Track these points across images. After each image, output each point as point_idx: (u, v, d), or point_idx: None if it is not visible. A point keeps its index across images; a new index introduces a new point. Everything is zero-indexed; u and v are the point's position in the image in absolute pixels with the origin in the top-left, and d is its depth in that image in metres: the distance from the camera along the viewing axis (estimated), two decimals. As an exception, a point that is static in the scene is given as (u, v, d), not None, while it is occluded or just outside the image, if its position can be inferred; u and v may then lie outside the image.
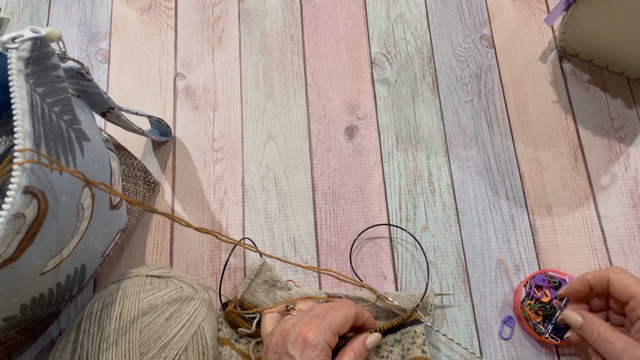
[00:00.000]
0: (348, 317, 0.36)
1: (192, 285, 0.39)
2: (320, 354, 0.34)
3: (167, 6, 0.57)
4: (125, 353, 0.34)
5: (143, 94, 0.53)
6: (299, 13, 0.57)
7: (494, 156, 0.51)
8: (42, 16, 0.56)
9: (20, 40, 0.26)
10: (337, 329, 0.35)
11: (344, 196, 0.49)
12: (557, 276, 0.45)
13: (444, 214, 0.48)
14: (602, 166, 0.50)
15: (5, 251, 0.25)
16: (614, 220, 0.48)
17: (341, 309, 0.37)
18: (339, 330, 0.35)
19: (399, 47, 0.55)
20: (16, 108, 0.25)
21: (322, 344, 0.34)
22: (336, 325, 0.35)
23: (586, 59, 0.54)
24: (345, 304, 0.38)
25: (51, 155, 0.27)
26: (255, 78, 0.54)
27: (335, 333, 0.35)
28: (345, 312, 0.36)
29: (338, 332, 0.35)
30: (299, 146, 0.51)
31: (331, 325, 0.35)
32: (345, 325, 0.36)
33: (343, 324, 0.36)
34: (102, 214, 0.36)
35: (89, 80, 0.34)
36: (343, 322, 0.36)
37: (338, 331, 0.35)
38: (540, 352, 0.44)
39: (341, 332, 0.36)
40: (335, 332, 0.35)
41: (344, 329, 0.36)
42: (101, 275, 0.46)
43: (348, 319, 0.36)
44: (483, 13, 0.57)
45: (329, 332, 0.35)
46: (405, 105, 0.53)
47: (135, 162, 0.46)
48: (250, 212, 0.48)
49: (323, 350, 0.34)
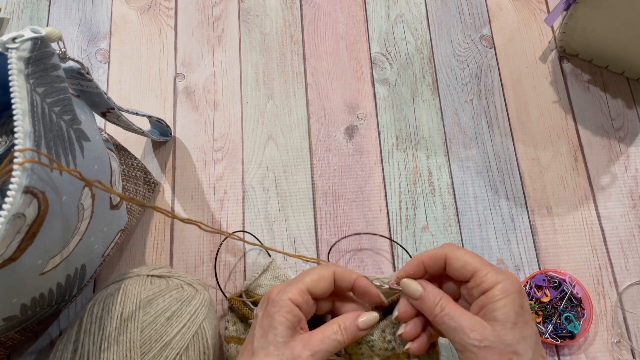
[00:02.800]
0: (323, 274, 0.33)
1: (193, 285, 0.39)
2: (280, 309, 0.31)
3: (167, 6, 0.57)
4: (127, 352, 0.34)
5: (143, 94, 0.53)
6: (299, 13, 0.57)
7: (494, 156, 0.51)
8: (42, 16, 0.56)
9: (20, 40, 0.26)
10: (307, 286, 0.32)
11: (344, 196, 0.49)
12: (557, 276, 0.45)
13: (444, 214, 0.48)
14: (602, 166, 0.50)
15: (6, 251, 0.25)
16: (614, 220, 0.48)
17: (315, 269, 0.34)
18: (310, 288, 0.32)
19: (399, 47, 0.55)
20: (16, 108, 0.25)
21: (283, 300, 0.31)
22: (305, 283, 0.32)
23: (586, 59, 0.54)
24: (322, 265, 0.35)
25: (51, 155, 0.27)
26: (255, 78, 0.54)
27: (303, 291, 0.32)
28: (319, 271, 0.33)
29: (309, 290, 0.32)
30: (299, 146, 0.51)
31: (299, 284, 0.32)
32: (320, 283, 0.33)
33: (316, 281, 0.33)
34: (102, 214, 0.36)
35: (89, 80, 0.34)
36: (315, 279, 0.33)
37: (308, 289, 0.32)
38: (540, 352, 0.44)
39: (315, 291, 0.33)
40: (303, 290, 0.32)
41: (318, 288, 0.33)
42: (101, 275, 0.46)
43: (322, 277, 0.33)
44: (483, 13, 0.57)
45: (294, 289, 0.32)
46: (405, 105, 0.53)
47: (135, 162, 0.46)
48: (250, 212, 0.48)
49: (284, 307, 0.31)
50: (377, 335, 0.34)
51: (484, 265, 0.31)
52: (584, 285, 0.45)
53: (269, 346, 0.31)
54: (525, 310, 0.30)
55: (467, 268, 0.31)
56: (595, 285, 0.46)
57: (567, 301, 0.44)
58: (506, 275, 0.31)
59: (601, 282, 0.46)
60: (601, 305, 0.45)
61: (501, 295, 0.30)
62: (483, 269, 0.31)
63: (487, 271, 0.31)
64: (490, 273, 0.30)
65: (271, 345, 0.30)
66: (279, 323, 0.31)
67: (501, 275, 0.30)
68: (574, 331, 0.43)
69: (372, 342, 0.34)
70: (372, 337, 0.34)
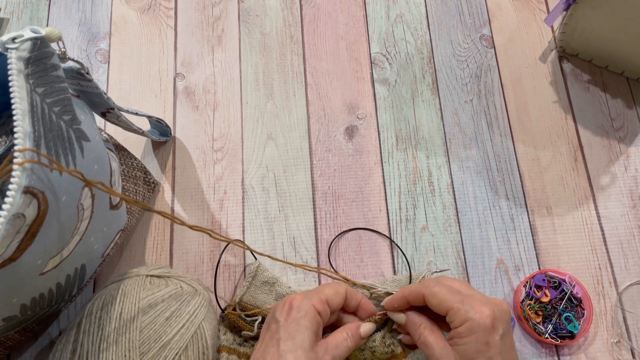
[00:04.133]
0: (338, 290, 0.37)
1: (192, 285, 0.39)
2: (305, 315, 0.34)
3: (167, 6, 0.57)
4: (126, 352, 0.34)
5: (143, 94, 0.53)
6: (298, 13, 0.57)
7: (493, 156, 0.51)
8: (42, 16, 0.56)
9: (20, 40, 0.26)
10: (326, 297, 0.35)
11: (344, 196, 0.49)
12: (557, 276, 0.45)
13: (443, 214, 0.48)
14: (602, 166, 0.50)
15: (5, 251, 0.25)
16: (614, 220, 0.48)
17: (332, 284, 0.37)
18: (328, 299, 0.36)
19: (398, 47, 0.55)
20: (16, 108, 0.25)
21: (307, 307, 0.34)
22: (324, 294, 0.36)
23: (586, 59, 0.54)
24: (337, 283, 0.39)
25: (51, 155, 0.27)
26: (255, 78, 0.54)
27: (323, 301, 0.35)
28: (334, 286, 0.37)
29: (327, 301, 0.35)
30: (298, 146, 0.51)
31: (320, 293, 0.35)
32: (336, 298, 0.36)
33: (333, 295, 0.36)
34: (102, 214, 0.36)
35: (89, 80, 0.34)
36: (332, 293, 0.36)
37: (327, 300, 0.35)
38: (540, 352, 0.44)
39: (332, 303, 0.36)
40: (323, 300, 0.35)
41: (334, 301, 0.36)
42: (101, 275, 0.46)
43: (338, 292, 0.37)
44: (483, 13, 0.57)
45: (316, 298, 0.35)
46: (405, 105, 0.53)
47: (135, 162, 0.46)
48: (250, 212, 0.48)
49: (308, 313, 0.34)
50: (379, 342, 0.39)
51: (456, 303, 0.33)
52: (584, 285, 0.45)
53: (297, 350, 0.33)
54: (491, 345, 0.32)
55: (442, 306, 0.34)
56: (595, 285, 0.46)
57: (567, 301, 0.44)
58: (479, 313, 0.32)
59: (601, 282, 0.46)
60: (601, 305, 0.45)
61: (466, 333, 0.32)
62: (455, 306, 0.33)
63: (458, 309, 0.33)
64: (460, 312, 0.33)
65: (299, 350, 0.33)
66: (306, 328, 0.34)
67: (473, 313, 0.32)
68: (574, 331, 0.43)
69: (375, 347, 0.39)
70: (374, 344, 0.39)
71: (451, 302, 0.33)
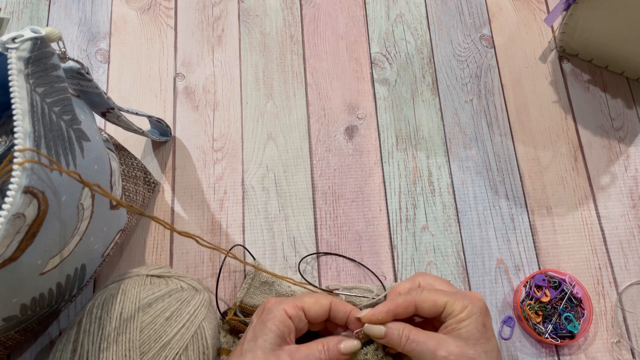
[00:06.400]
0: (320, 301, 0.36)
1: (193, 285, 0.39)
2: (273, 318, 0.34)
3: (167, 6, 0.57)
4: (126, 352, 0.34)
5: (143, 94, 0.53)
6: (298, 13, 0.57)
7: (493, 156, 0.51)
8: (42, 16, 0.56)
9: (20, 40, 0.26)
10: (303, 305, 0.35)
11: (344, 196, 0.49)
12: (557, 276, 0.45)
13: (443, 214, 0.48)
14: (602, 166, 0.50)
15: (5, 251, 0.25)
16: (614, 220, 0.48)
17: (315, 294, 0.37)
18: (305, 306, 0.35)
19: (398, 47, 0.55)
20: (16, 108, 0.25)
21: (277, 310, 0.34)
22: (303, 302, 0.35)
23: (586, 59, 0.54)
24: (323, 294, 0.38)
25: (51, 155, 0.27)
26: (255, 78, 0.54)
27: (298, 307, 0.35)
28: (317, 296, 0.36)
29: (303, 308, 0.35)
30: (298, 146, 0.51)
31: (296, 300, 0.35)
32: (315, 307, 0.35)
33: (311, 303, 0.35)
34: (102, 214, 0.36)
35: (89, 80, 0.34)
36: (312, 302, 0.35)
37: (303, 307, 0.35)
38: (540, 352, 0.44)
39: (309, 312, 0.35)
40: (298, 307, 0.35)
41: (311, 310, 0.35)
42: (101, 275, 0.46)
43: (319, 303, 0.36)
44: (483, 13, 0.57)
45: (290, 303, 0.35)
46: (405, 105, 0.53)
47: (135, 162, 0.46)
48: (250, 212, 0.48)
49: (277, 316, 0.34)
50: (371, 355, 0.37)
51: (450, 296, 0.35)
52: (584, 285, 0.45)
53: (257, 350, 0.33)
54: (488, 328, 0.34)
55: (438, 304, 0.34)
56: (595, 285, 0.46)
57: (567, 301, 0.44)
58: (471, 299, 0.35)
59: (601, 282, 0.46)
60: (601, 305, 0.45)
61: (466, 316, 0.34)
62: (450, 299, 0.34)
63: (455, 299, 0.34)
64: (457, 301, 0.34)
65: (259, 350, 0.33)
66: (270, 330, 0.34)
67: (467, 300, 0.34)
68: (574, 331, 0.43)
69: None
70: (367, 357, 0.37)
71: (446, 297, 0.34)
